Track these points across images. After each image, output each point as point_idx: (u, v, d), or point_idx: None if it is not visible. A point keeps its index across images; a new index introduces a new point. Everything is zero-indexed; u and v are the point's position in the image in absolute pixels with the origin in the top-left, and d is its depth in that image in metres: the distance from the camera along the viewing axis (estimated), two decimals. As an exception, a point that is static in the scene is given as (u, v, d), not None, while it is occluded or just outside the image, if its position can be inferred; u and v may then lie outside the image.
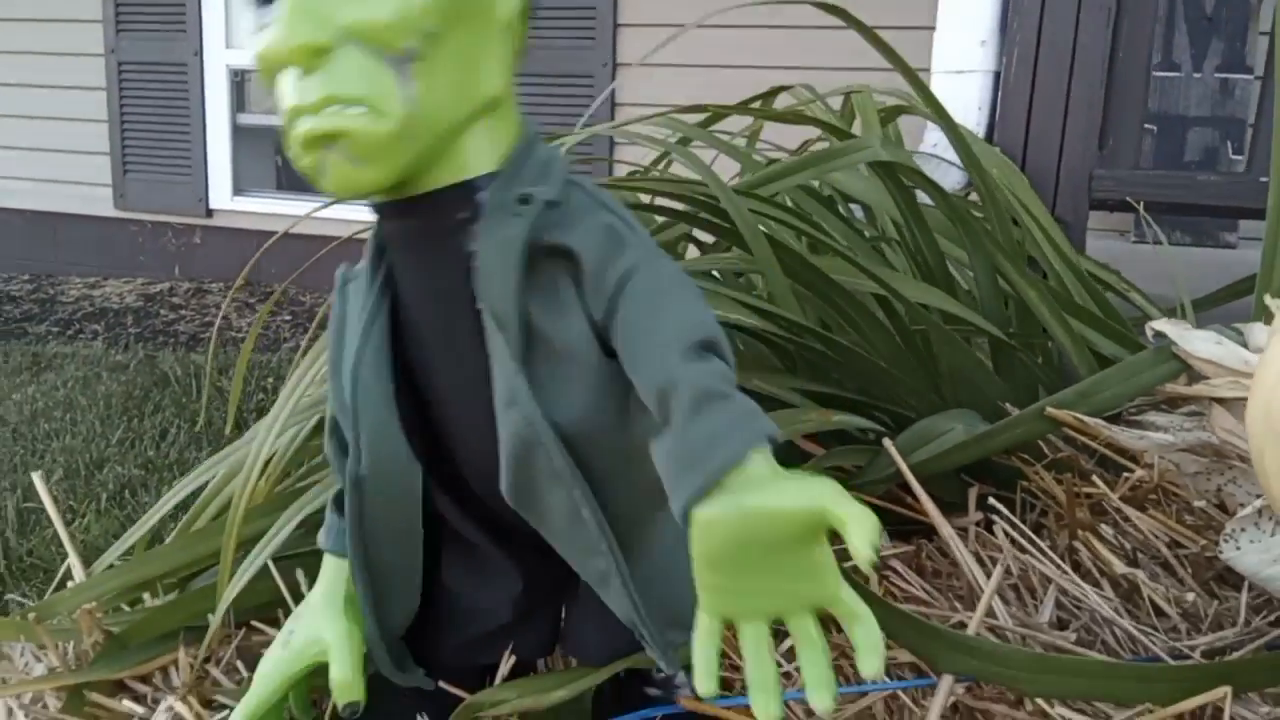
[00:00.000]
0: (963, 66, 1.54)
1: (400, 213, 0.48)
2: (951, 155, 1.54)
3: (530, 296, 0.46)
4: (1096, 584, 0.74)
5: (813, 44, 3.13)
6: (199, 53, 4.02)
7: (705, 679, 0.41)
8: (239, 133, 4.07)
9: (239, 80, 4.06)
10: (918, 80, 1.02)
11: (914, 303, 0.88)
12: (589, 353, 0.47)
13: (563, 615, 0.59)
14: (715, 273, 0.97)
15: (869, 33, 0.97)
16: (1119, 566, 0.75)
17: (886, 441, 0.76)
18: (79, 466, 2.24)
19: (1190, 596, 0.70)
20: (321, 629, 0.53)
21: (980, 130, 1.56)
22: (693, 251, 1.17)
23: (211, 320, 3.61)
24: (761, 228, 0.84)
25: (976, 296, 1.07)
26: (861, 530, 0.36)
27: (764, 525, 0.40)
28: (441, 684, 0.56)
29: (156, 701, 0.58)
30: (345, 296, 0.52)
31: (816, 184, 1.10)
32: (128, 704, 0.58)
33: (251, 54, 0.45)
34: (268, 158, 4.15)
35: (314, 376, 0.75)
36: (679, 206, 0.87)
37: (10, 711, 0.56)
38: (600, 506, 0.47)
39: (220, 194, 4.09)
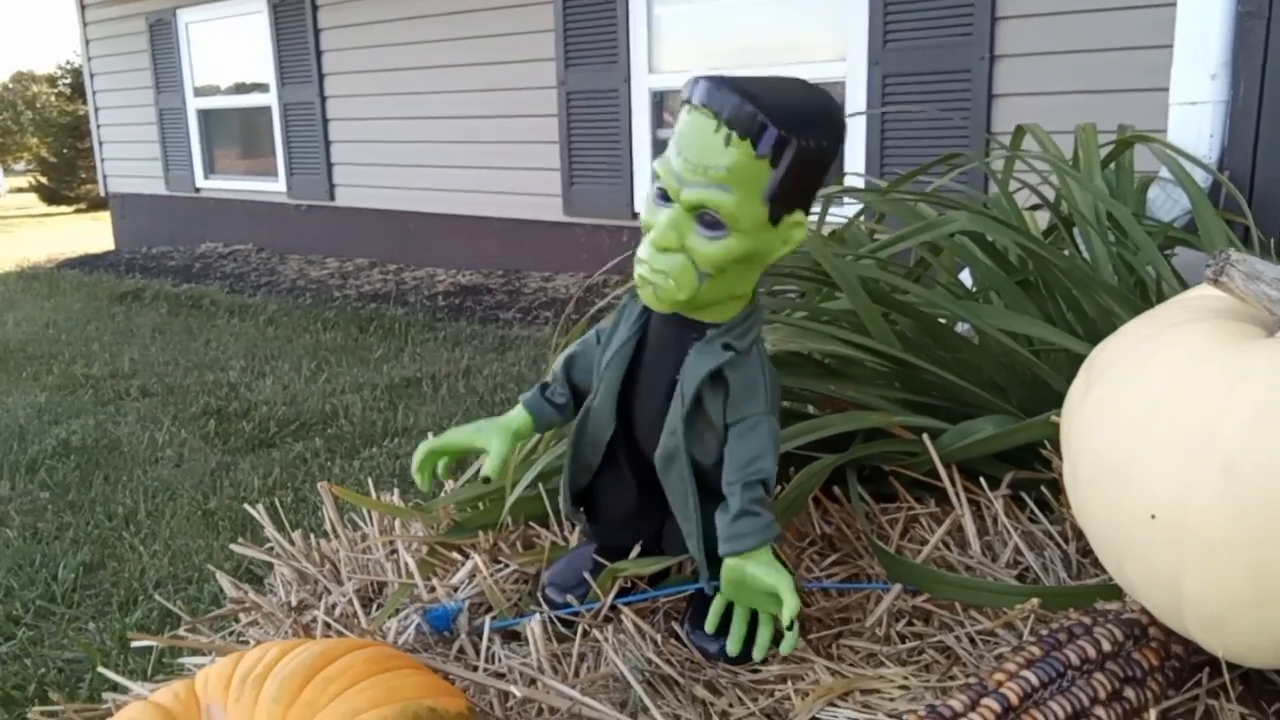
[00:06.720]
0: (1196, 98, 1.70)
1: (671, 315, 0.85)
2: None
3: (704, 389, 0.84)
4: (1068, 541, 1.04)
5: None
6: (627, 80, 4.75)
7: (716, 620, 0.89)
8: (659, 145, 4.74)
9: (658, 100, 4.75)
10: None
11: (989, 326, 1.19)
12: (718, 430, 0.88)
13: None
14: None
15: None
16: (1092, 532, 1.04)
17: (925, 436, 1.10)
18: (517, 425, 2.95)
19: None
20: (495, 437, 0.93)
21: (1213, 156, 1.71)
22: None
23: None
24: (862, 275, 1.21)
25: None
26: (788, 609, 0.80)
27: (752, 580, 0.84)
28: (595, 556, 1.03)
29: (470, 557, 1.12)
30: (621, 315, 0.89)
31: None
32: (456, 555, 1.13)
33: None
34: (680, 166, 4.81)
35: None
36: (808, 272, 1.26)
37: (401, 553, 1.13)
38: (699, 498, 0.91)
39: (645, 199, 4.80)
